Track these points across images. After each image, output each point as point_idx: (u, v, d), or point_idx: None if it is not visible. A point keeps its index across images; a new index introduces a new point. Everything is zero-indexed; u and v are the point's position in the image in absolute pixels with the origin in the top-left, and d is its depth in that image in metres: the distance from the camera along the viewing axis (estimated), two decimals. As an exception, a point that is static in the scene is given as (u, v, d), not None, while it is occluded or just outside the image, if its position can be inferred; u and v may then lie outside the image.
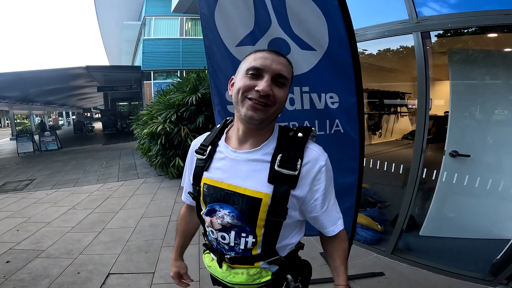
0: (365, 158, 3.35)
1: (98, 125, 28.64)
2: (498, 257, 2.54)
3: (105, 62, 29.77)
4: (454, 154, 2.83)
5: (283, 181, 0.89)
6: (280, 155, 0.91)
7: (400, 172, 3.15)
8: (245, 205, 0.92)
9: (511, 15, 2.14)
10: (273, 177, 0.90)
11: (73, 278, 2.78)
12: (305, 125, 0.93)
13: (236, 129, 0.99)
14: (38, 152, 12.67)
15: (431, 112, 5.07)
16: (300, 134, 0.96)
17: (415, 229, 3.17)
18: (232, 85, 0.97)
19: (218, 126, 1.11)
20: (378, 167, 3.30)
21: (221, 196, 0.96)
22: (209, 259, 1.12)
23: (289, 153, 0.91)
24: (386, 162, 3.24)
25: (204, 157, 1.02)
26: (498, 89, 2.97)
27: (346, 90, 1.82)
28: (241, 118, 0.91)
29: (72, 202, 5.25)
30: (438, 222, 3.12)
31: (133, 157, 9.84)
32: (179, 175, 6.51)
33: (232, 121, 1.08)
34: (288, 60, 0.95)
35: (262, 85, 0.86)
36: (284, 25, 1.72)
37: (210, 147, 1.03)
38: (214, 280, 1.18)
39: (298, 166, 0.90)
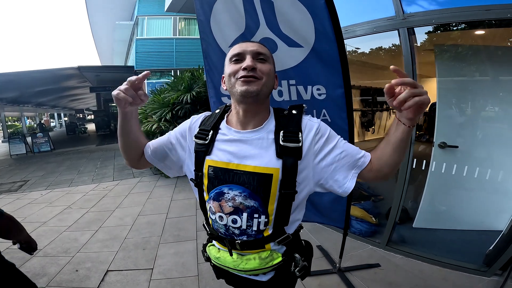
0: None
1: (91, 127, 28.39)
2: (491, 248, 2.59)
3: (97, 63, 29.53)
4: (443, 145, 2.90)
5: (289, 154, 0.96)
6: (282, 131, 0.99)
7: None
8: (256, 183, 0.97)
9: (492, 11, 2.21)
10: (280, 151, 0.97)
11: (71, 276, 2.79)
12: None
13: (235, 113, 1.05)
14: (31, 154, 12.53)
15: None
16: (294, 111, 1.05)
17: (408, 221, 3.24)
18: (224, 81, 1.07)
19: (217, 111, 1.14)
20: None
21: (230, 177, 0.99)
22: (215, 251, 1.12)
23: (289, 128, 1.00)
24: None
25: (206, 141, 1.04)
26: (483, 84, 3.05)
27: (333, 82, 1.91)
28: (238, 97, 0.98)
29: (67, 202, 5.23)
30: (431, 214, 3.19)
31: (127, 157, 9.76)
32: (174, 173, 6.51)
33: (231, 106, 1.12)
34: (263, 44, 1.06)
35: (246, 62, 0.96)
36: (272, 26, 1.87)
37: (212, 131, 1.05)
38: (220, 272, 1.20)
39: (300, 138, 0.98)
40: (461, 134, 2.99)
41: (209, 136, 1.04)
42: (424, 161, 2.97)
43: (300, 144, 0.97)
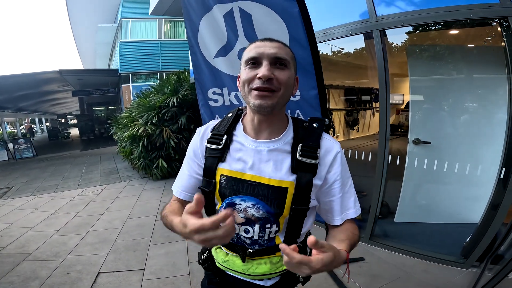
0: (344, 151, 3.55)
1: (74, 131, 27.85)
2: (467, 240, 2.72)
3: (79, 66, 29.01)
4: (417, 142, 3.07)
5: (305, 169, 0.92)
6: (301, 144, 0.93)
7: (374, 162, 3.35)
8: (271, 195, 0.92)
9: (455, 12, 2.36)
10: (295, 166, 0.92)
11: (63, 279, 2.80)
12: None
13: (250, 119, 0.97)
14: (13, 160, 12.21)
15: (402, 107, 5.36)
16: (315, 125, 0.98)
17: (390, 216, 3.38)
18: (240, 82, 0.97)
19: (230, 114, 1.05)
20: (355, 160, 3.48)
21: (243, 188, 0.94)
22: (223, 254, 1.07)
23: (308, 142, 0.94)
24: (363, 156, 3.43)
25: (220, 147, 0.97)
26: (453, 82, 3.23)
27: (307, 84, 2.02)
28: (252, 109, 0.91)
29: (54, 207, 5.18)
30: (410, 208, 3.34)
31: (114, 162, 9.71)
32: (163, 176, 6.54)
33: (244, 110, 1.06)
34: (283, 43, 0.94)
35: (261, 70, 0.86)
36: (249, 36, 2.03)
37: (225, 136, 0.98)
38: (217, 275, 1.13)
39: (318, 154, 0.93)
40: (433, 130, 3.15)
41: (223, 141, 0.97)
42: (398, 156, 3.12)
43: (317, 161, 0.93)
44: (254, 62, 0.89)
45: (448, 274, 2.62)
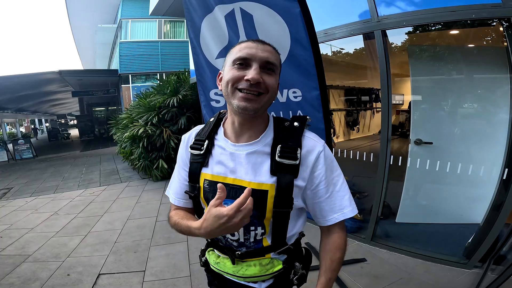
0: (345, 152, 3.55)
1: (74, 132, 27.83)
2: (469, 240, 2.72)
3: (79, 67, 29.02)
4: (419, 142, 3.05)
5: (285, 171, 0.89)
6: (280, 145, 0.91)
7: (374, 163, 3.34)
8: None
9: (457, 12, 2.36)
10: (275, 168, 0.90)
11: (63, 280, 2.79)
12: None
13: (231, 122, 0.96)
14: (13, 161, 12.19)
15: (403, 107, 5.36)
16: (296, 124, 0.95)
17: (391, 216, 3.37)
18: (221, 79, 0.94)
19: (212, 119, 1.05)
20: (356, 161, 3.47)
21: (226, 192, 0.90)
22: (215, 256, 1.08)
23: (288, 142, 0.91)
24: (364, 156, 3.42)
25: (201, 152, 0.98)
26: (455, 83, 3.23)
27: (308, 85, 2.03)
28: (234, 110, 0.89)
29: (54, 208, 5.17)
30: (412, 209, 3.34)
31: (114, 162, 9.70)
32: (163, 177, 6.52)
33: (225, 113, 1.05)
34: (274, 47, 0.92)
35: (251, 73, 0.83)
36: (251, 36, 2.03)
37: (207, 141, 0.98)
38: (215, 278, 1.14)
39: (298, 155, 0.90)
40: (435, 131, 3.14)
41: (204, 146, 0.98)
42: (400, 157, 3.10)
43: (298, 162, 0.90)
44: (243, 63, 0.86)
45: (450, 274, 2.61)
